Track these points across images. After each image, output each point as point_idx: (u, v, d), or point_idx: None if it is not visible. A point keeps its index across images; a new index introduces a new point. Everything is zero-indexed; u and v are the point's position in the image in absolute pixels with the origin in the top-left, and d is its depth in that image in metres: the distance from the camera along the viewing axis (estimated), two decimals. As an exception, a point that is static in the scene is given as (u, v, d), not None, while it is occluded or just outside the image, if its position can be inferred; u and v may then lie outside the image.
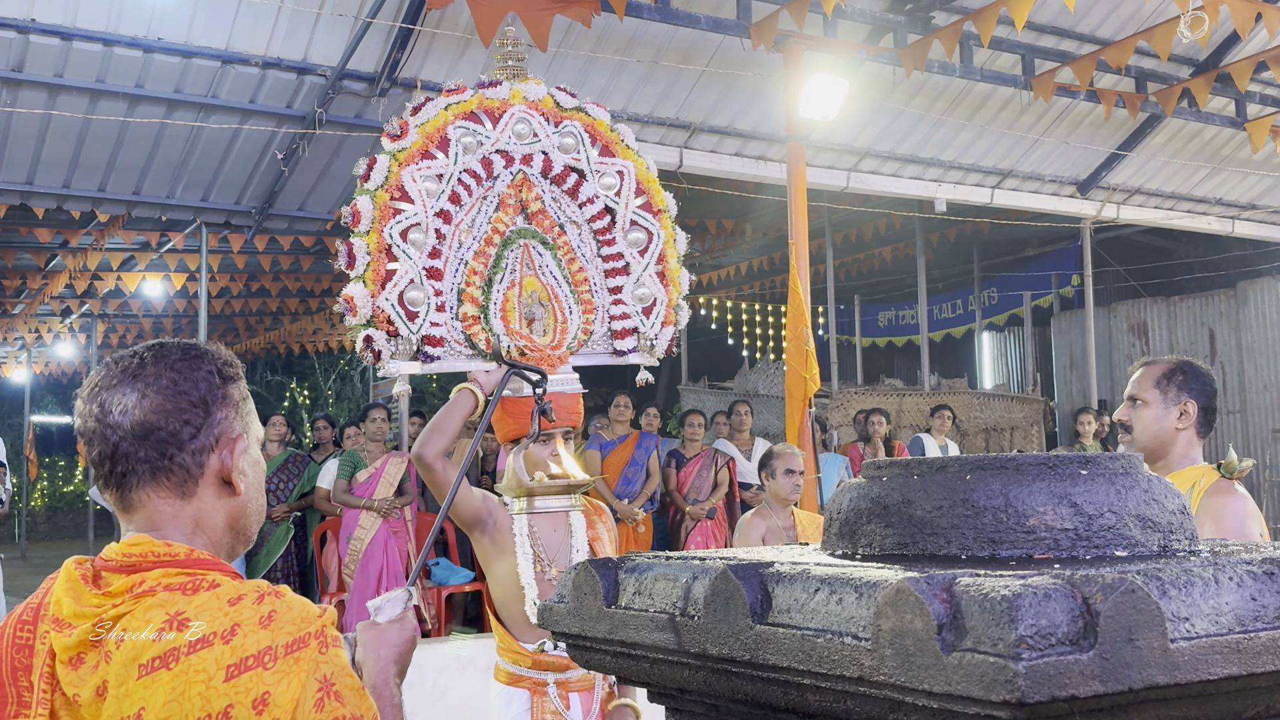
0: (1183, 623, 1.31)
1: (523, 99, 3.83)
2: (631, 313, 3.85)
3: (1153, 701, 1.29)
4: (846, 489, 1.83)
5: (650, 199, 3.95)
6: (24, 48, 7.29)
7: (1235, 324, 14.33)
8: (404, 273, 3.52)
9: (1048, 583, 1.27)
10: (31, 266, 14.72)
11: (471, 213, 3.72)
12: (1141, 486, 1.66)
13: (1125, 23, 9.48)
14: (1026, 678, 1.18)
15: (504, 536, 3.48)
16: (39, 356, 22.49)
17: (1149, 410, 3.18)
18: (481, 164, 3.70)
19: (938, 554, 1.63)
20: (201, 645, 1.31)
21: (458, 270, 3.67)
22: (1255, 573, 1.42)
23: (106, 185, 8.93)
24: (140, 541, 1.43)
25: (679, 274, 3.96)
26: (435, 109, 3.70)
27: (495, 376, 3.43)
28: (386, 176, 3.56)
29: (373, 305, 3.48)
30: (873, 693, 1.37)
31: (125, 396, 1.45)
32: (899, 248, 15.87)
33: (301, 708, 1.31)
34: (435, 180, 3.62)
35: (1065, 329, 16.05)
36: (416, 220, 3.56)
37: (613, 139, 3.96)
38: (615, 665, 1.90)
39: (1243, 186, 12.32)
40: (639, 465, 8.72)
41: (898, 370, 19.97)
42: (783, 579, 1.56)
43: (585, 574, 1.89)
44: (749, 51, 8.25)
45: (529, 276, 3.76)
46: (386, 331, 3.50)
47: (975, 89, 9.81)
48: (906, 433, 11.90)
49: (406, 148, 3.61)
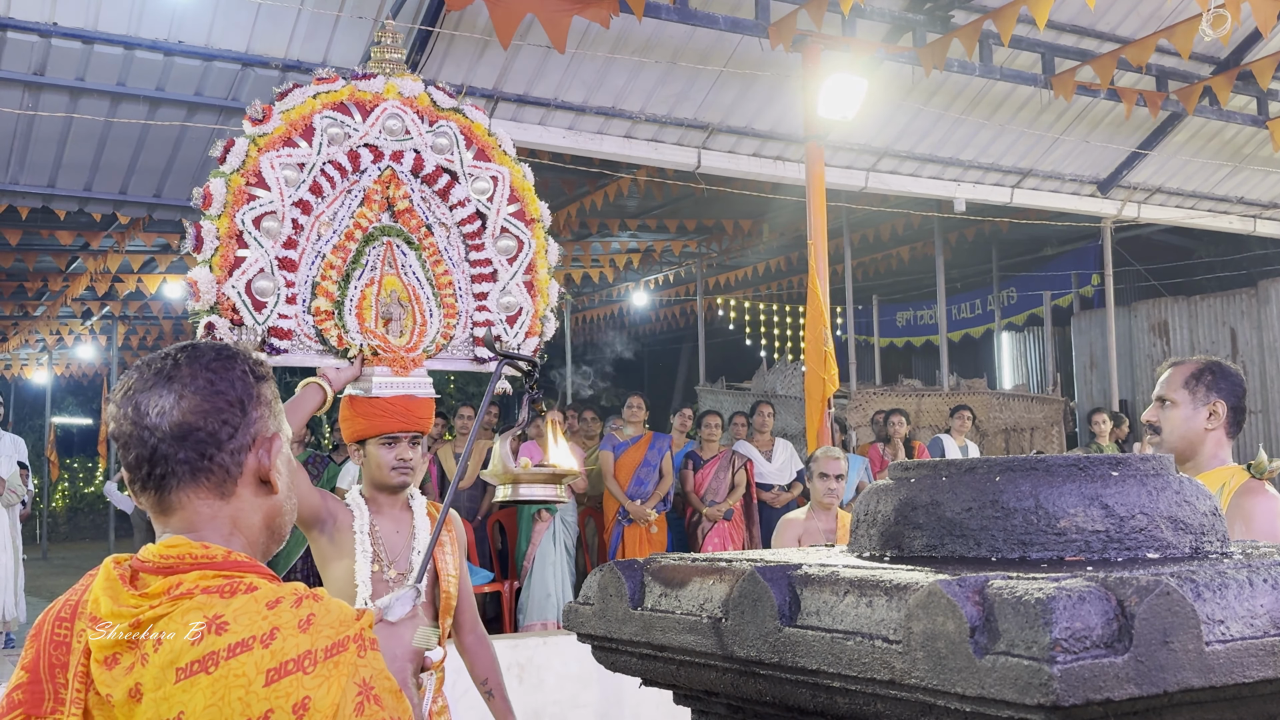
0: (1217, 625, 1.30)
1: (397, 94, 3.72)
2: (495, 320, 3.79)
3: (1187, 704, 1.28)
4: (874, 491, 1.83)
5: (524, 207, 3.87)
6: (46, 51, 7.33)
7: (1257, 323, 14.23)
8: (254, 260, 3.42)
9: (1082, 585, 1.26)
10: (52, 269, 14.81)
11: (334, 205, 3.63)
12: (1173, 488, 1.65)
13: (1146, 21, 9.43)
14: (1061, 681, 1.17)
15: (344, 536, 3.40)
16: (60, 358, 22.63)
17: (1178, 411, 3.15)
18: (348, 156, 3.61)
19: (967, 556, 1.62)
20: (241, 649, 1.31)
21: (314, 263, 3.57)
22: (1290, 575, 1.41)
23: (128, 188, 8.97)
24: (178, 543, 1.43)
25: (548, 285, 3.89)
26: (302, 96, 3.58)
27: (348, 373, 3.42)
28: (244, 161, 3.45)
29: (217, 291, 3.38)
30: (904, 696, 1.37)
31: (162, 398, 1.45)
32: (917, 247, 15.83)
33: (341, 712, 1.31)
34: (296, 169, 3.51)
35: (1085, 329, 15.98)
36: (272, 208, 3.46)
37: (490, 143, 3.87)
38: (641, 667, 1.89)
39: (1264, 185, 12.24)
40: (652, 466, 8.71)
41: (916, 371, 19.92)
42: (811, 581, 1.55)
43: (611, 576, 1.89)
44: (767, 51, 8.23)
45: (390, 275, 3.68)
46: (231, 320, 3.40)
47: (995, 88, 9.78)
48: (925, 433, 11.86)
49: (268, 133, 3.49)
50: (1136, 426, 11.17)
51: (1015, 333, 18.45)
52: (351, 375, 3.46)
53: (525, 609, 8.20)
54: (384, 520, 3.46)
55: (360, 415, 3.45)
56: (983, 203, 11.14)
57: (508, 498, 3.26)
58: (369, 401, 3.42)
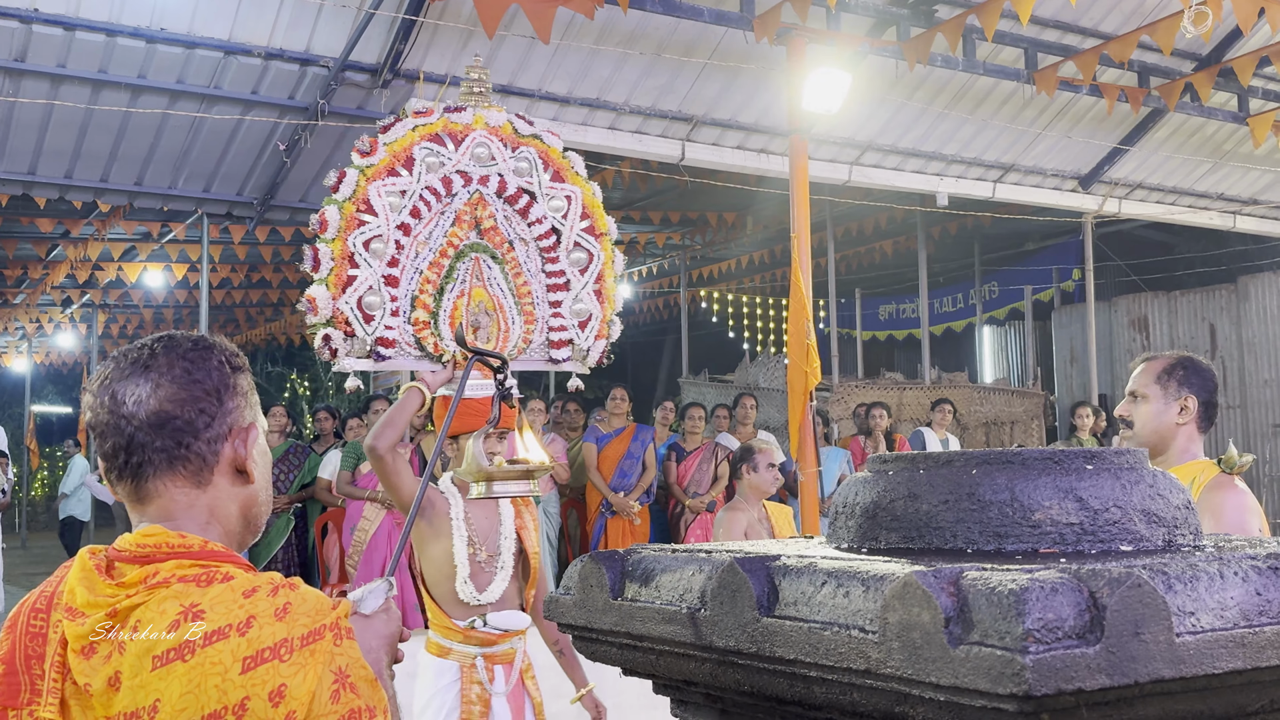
0: (1188, 617, 1.32)
1: (484, 125, 4.20)
2: (569, 325, 4.24)
3: (1158, 695, 1.30)
4: (852, 483, 1.84)
5: (594, 223, 4.33)
6: (27, 38, 7.28)
7: (1236, 319, 14.33)
8: (364, 279, 3.86)
9: (1054, 577, 1.27)
10: (32, 256, 14.71)
11: (429, 226, 4.06)
12: (1146, 482, 1.66)
13: (1128, 17, 9.47)
14: (1034, 670, 1.19)
15: (441, 521, 3.75)
16: (40, 346, 22.51)
17: (1149, 405, 3.18)
18: (442, 182, 4.07)
19: (943, 548, 1.64)
20: (217, 637, 1.32)
21: (413, 278, 4.01)
22: (1260, 568, 1.43)
23: (109, 175, 8.92)
24: (154, 532, 1.43)
25: (615, 292, 4.39)
26: (403, 129, 4.06)
27: (442, 376, 3.81)
28: (354, 190, 3.90)
29: (333, 307, 3.82)
30: (879, 685, 1.38)
31: (139, 387, 1.45)
32: (899, 241, 15.86)
33: (318, 699, 1.32)
34: (399, 196, 3.97)
35: (1066, 323, 16.06)
36: (379, 232, 3.90)
37: (564, 165, 4.35)
38: (621, 657, 1.91)
39: (1244, 181, 12.32)
40: (635, 458, 8.73)
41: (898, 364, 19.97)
42: (789, 572, 1.56)
43: (591, 567, 1.90)
44: (752, 44, 8.24)
45: (477, 287, 4.11)
46: (344, 332, 3.84)
47: (978, 83, 9.80)
48: (907, 426, 11.90)
49: (374, 164, 3.96)
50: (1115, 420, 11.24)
51: (996, 327, 18.52)
52: (445, 378, 3.84)
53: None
54: (474, 507, 3.84)
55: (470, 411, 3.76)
56: (965, 197, 11.19)
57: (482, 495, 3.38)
58: (462, 402, 3.73)
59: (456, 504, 3.78)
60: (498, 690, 3.78)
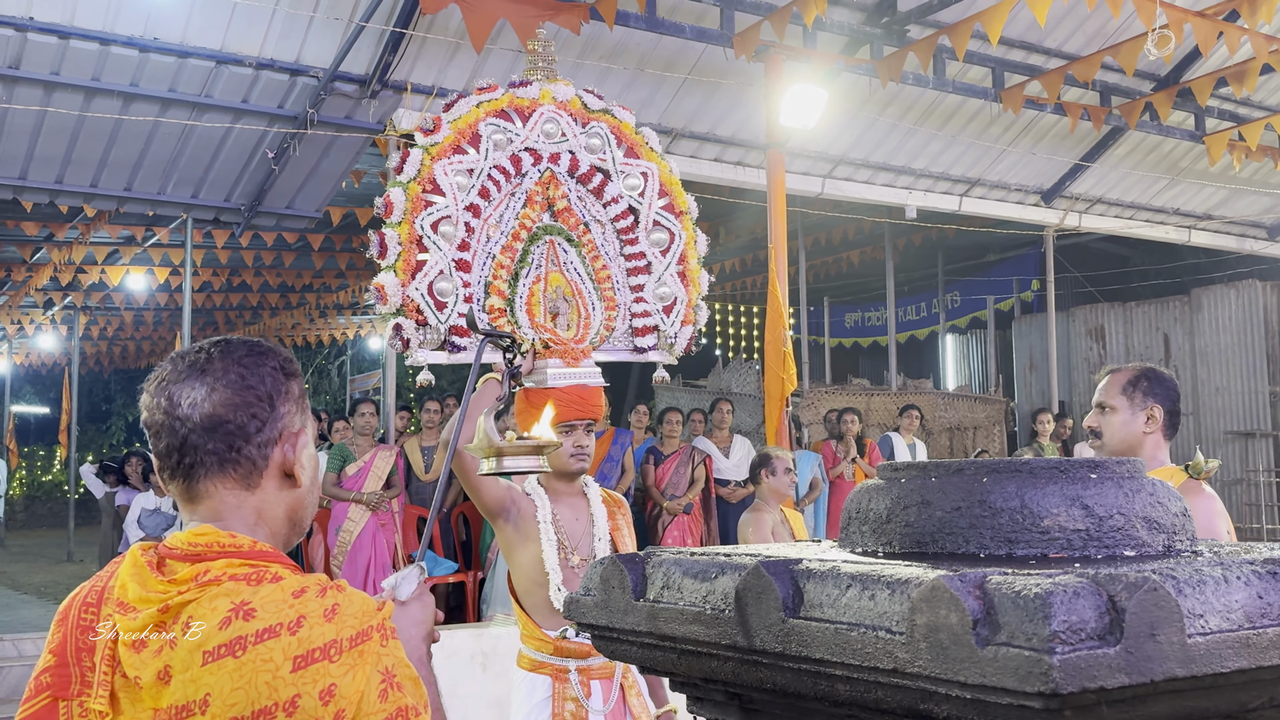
0: (1198, 619, 1.36)
1: (552, 99, 3.83)
2: (652, 311, 3.87)
3: (1170, 693, 1.35)
4: (865, 490, 1.88)
5: (673, 200, 3.95)
6: (21, 45, 7.23)
7: (1189, 329, 14.53)
8: (434, 264, 3.51)
9: (1075, 581, 1.32)
10: (16, 259, 14.55)
11: (500, 208, 3.72)
12: (1147, 490, 1.71)
13: (1091, 39, 9.60)
14: (1060, 670, 1.23)
15: (528, 524, 3.46)
16: (20, 347, 22.24)
17: (1117, 416, 3.22)
18: (511, 161, 3.72)
19: (956, 553, 1.68)
20: (268, 635, 1.33)
21: (485, 263, 3.67)
22: (1260, 572, 1.48)
23: (99, 181, 8.85)
24: (206, 532, 1.45)
25: (699, 274, 3.98)
26: (467, 105, 3.69)
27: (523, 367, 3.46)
28: (419, 169, 3.55)
29: (403, 294, 3.47)
30: (905, 684, 1.42)
31: (194, 390, 1.47)
32: (867, 251, 15.97)
33: (366, 699, 1.33)
34: (466, 175, 3.61)
35: (1025, 332, 16.22)
36: (447, 213, 3.56)
37: (638, 141, 3.98)
38: (641, 656, 1.94)
39: (1199, 197, 12.50)
40: (614, 461, 8.75)
41: (863, 370, 20.10)
42: (813, 575, 1.60)
43: (613, 568, 1.93)
44: (731, 61, 8.30)
45: (554, 272, 3.76)
46: (416, 320, 3.48)
47: (947, 100, 9.91)
48: (875, 431, 11.99)
49: (439, 142, 3.60)
50: (1078, 427, 11.37)
51: (959, 335, 18.68)
52: (526, 369, 3.50)
53: (489, 599, 8.21)
54: (563, 508, 3.53)
55: (537, 406, 3.44)
56: (932, 210, 11.29)
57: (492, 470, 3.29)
58: (544, 392, 3.44)
59: (544, 506, 3.49)
60: (595, 708, 3.42)
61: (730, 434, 9.68)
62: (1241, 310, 14.04)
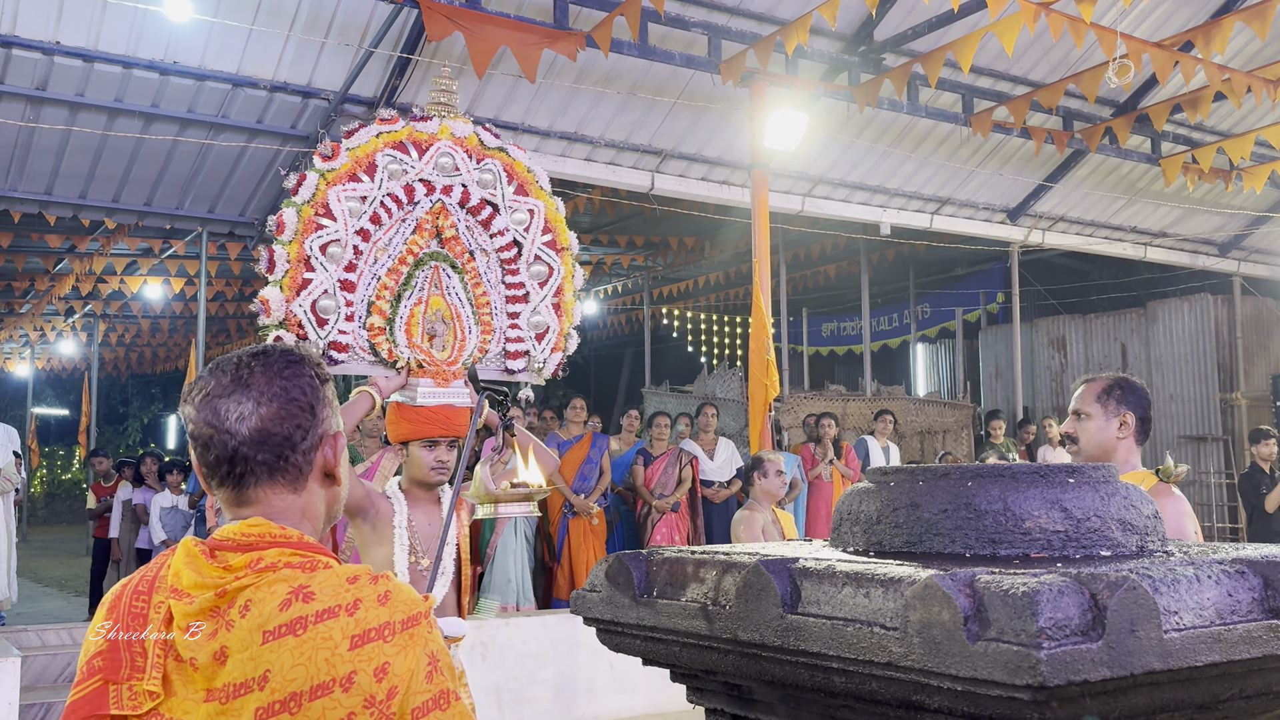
0: (1173, 616, 1.37)
1: (450, 134, 3.88)
2: (525, 337, 3.95)
3: (1148, 685, 1.36)
4: (856, 493, 1.88)
5: (555, 237, 4.03)
6: (48, 68, 7.20)
7: (1145, 340, 14.60)
8: (319, 283, 3.56)
9: (1060, 580, 1.33)
10: (40, 269, 14.50)
11: (389, 232, 3.76)
12: (1121, 494, 1.72)
13: (1055, 67, 9.65)
14: (1047, 664, 1.24)
15: (384, 526, 3.47)
16: (41, 353, 22.14)
17: (1092, 423, 3.23)
18: (404, 190, 3.75)
19: (943, 552, 1.69)
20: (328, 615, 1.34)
21: (370, 284, 3.71)
22: (1229, 571, 1.49)
23: (120, 196, 8.83)
24: (258, 524, 1.46)
25: (573, 306, 4.06)
26: (367, 135, 3.73)
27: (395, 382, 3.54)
28: (314, 193, 3.58)
29: (286, 309, 3.52)
30: (899, 676, 1.42)
31: (240, 405, 1.47)
32: (843, 265, 16.01)
33: (415, 678, 1.35)
34: (359, 201, 3.65)
35: (991, 342, 16.28)
36: (337, 237, 3.59)
37: (528, 179, 4.04)
38: (643, 648, 1.94)
39: (1155, 216, 12.56)
40: (593, 463, 8.76)
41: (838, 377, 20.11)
42: (810, 574, 1.60)
43: (618, 566, 1.93)
44: (718, 86, 8.32)
45: (435, 296, 3.82)
46: (296, 334, 3.53)
47: (919, 124, 9.94)
48: (850, 435, 12.00)
49: (335, 169, 3.63)
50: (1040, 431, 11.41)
51: (929, 344, 18.73)
52: (399, 384, 3.56)
53: (488, 592, 8.20)
54: (419, 513, 3.54)
55: (405, 420, 3.52)
56: (905, 227, 11.32)
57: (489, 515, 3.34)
58: (414, 409, 3.51)
59: (401, 511, 3.50)
60: None
61: (715, 437, 9.69)
62: (1194, 322, 14.11)
